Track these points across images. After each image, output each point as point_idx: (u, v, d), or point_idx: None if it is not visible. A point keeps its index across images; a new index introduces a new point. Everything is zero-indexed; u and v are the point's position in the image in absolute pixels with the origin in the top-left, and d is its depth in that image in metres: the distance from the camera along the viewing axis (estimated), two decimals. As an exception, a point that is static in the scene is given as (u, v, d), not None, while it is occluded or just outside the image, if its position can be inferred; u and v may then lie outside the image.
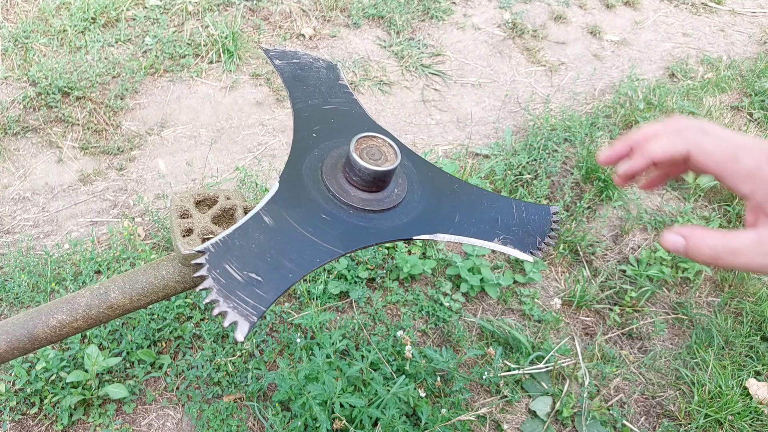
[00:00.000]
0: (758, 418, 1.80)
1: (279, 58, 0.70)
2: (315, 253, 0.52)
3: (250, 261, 0.50)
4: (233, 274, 0.49)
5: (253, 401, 1.67)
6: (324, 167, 0.58)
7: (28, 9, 2.75)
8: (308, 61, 0.71)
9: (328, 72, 0.71)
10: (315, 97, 0.66)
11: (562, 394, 1.78)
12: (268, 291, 0.48)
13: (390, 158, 0.56)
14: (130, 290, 0.62)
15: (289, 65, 0.69)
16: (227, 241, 0.51)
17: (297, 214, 0.54)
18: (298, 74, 0.69)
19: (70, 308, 0.62)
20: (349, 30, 3.08)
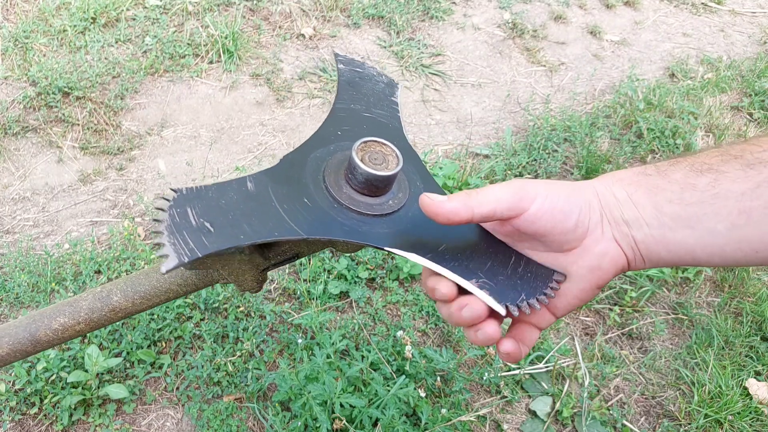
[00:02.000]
0: (758, 418, 1.80)
1: (344, 63, 0.70)
2: (276, 227, 0.51)
3: (212, 213, 0.50)
4: (190, 217, 0.49)
5: (253, 401, 1.67)
6: (331, 160, 0.58)
7: (28, 9, 2.75)
8: (371, 73, 0.71)
9: (385, 87, 0.70)
10: (360, 103, 0.66)
11: (562, 394, 1.78)
12: (213, 242, 0.48)
13: (390, 167, 0.56)
14: (133, 294, 0.62)
15: (351, 71, 0.69)
16: (201, 190, 0.52)
17: (280, 190, 0.54)
18: (356, 81, 0.68)
19: (73, 311, 0.62)
20: (349, 30, 3.08)
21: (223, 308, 1.86)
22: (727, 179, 0.48)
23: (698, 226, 0.48)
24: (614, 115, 2.84)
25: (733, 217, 0.47)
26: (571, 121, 2.71)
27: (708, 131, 2.88)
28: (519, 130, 2.75)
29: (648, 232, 0.50)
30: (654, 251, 0.51)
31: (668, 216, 0.49)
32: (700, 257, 0.50)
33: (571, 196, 0.51)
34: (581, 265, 0.53)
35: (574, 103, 2.93)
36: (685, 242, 0.49)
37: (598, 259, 0.52)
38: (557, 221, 0.51)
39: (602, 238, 0.52)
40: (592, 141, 2.61)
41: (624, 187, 0.52)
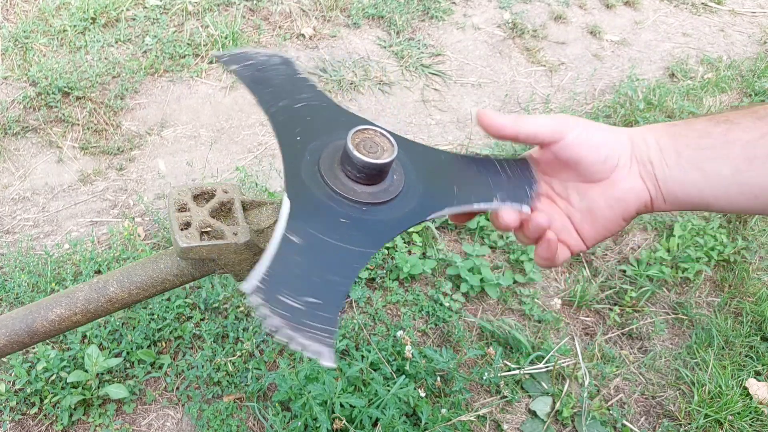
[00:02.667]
0: (758, 418, 1.80)
1: (234, 62, 0.66)
2: (352, 259, 0.51)
3: (301, 286, 0.49)
4: (292, 304, 0.47)
5: (253, 401, 1.67)
6: (322, 170, 0.57)
7: (28, 9, 2.75)
8: (263, 59, 0.67)
9: (286, 68, 0.68)
10: (283, 97, 0.63)
11: (562, 394, 1.78)
12: (329, 310, 0.48)
13: (387, 148, 0.56)
14: (129, 284, 0.62)
15: (247, 68, 0.66)
16: (271, 273, 0.49)
17: (318, 225, 0.53)
18: (258, 76, 0.65)
19: (69, 302, 0.62)
20: (349, 30, 3.08)
21: (223, 308, 1.86)
22: (738, 128, 0.53)
23: (707, 168, 0.54)
24: (614, 115, 2.84)
25: (738, 162, 0.52)
26: (571, 121, 2.70)
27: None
28: (519, 130, 2.75)
29: (668, 173, 0.56)
30: (672, 191, 0.56)
31: (685, 158, 0.55)
32: (708, 198, 0.55)
33: (606, 134, 0.58)
34: (609, 195, 0.59)
35: (574, 103, 2.93)
36: (697, 183, 0.55)
37: (624, 192, 0.58)
38: (589, 152, 0.58)
39: (629, 174, 0.58)
40: (592, 141, 2.60)
41: (654, 134, 0.58)
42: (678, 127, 0.57)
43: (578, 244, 0.63)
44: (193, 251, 0.56)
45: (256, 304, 0.47)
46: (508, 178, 0.62)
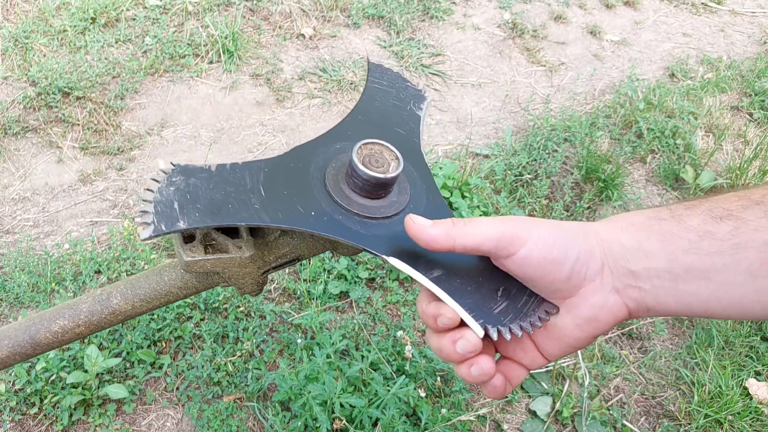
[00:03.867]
0: (758, 418, 1.80)
1: (374, 72, 0.70)
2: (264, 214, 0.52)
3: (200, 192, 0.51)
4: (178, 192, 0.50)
5: (253, 401, 1.67)
6: (335, 161, 0.58)
7: (28, 9, 2.75)
8: (400, 83, 0.70)
9: (412, 99, 0.69)
10: (381, 113, 0.65)
11: (562, 394, 1.78)
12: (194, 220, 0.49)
13: (390, 169, 0.56)
14: (133, 296, 0.62)
15: (379, 81, 0.69)
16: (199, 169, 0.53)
17: (279, 181, 0.55)
18: (383, 90, 0.68)
19: (73, 314, 0.62)
20: (349, 30, 3.08)
21: (223, 308, 1.86)
22: (749, 228, 0.44)
23: (715, 277, 0.45)
24: (614, 115, 2.84)
25: (754, 268, 0.44)
26: (571, 121, 2.71)
27: (708, 131, 2.88)
28: (519, 130, 2.75)
29: (658, 284, 0.47)
30: (662, 302, 0.48)
31: (683, 267, 0.46)
32: (715, 309, 0.47)
33: (568, 244, 0.48)
34: (576, 315, 0.50)
35: (574, 103, 2.93)
36: (699, 294, 0.46)
37: (595, 311, 0.49)
38: (547, 271, 0.48)
39: (601, 289, 0.49)
40: (592, 141, 2.61)
41: (634, 234, 0.48)
42: (665, 223, 0.47)
43: (537, 362, 0.54)
44: (198, 265, 0.56)
45: (161, 172, 0.51)
46: (504, 297, 0.52)
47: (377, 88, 0.68)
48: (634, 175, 2.63)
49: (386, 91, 0.68)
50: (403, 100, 0.68)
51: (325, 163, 0.58)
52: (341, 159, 0.59)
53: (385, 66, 0.70)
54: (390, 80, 0.70)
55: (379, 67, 0.70)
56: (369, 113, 0.65)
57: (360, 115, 0.64)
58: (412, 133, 0.66)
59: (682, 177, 2.57)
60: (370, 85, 0.67)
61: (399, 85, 0.70)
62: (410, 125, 0.66)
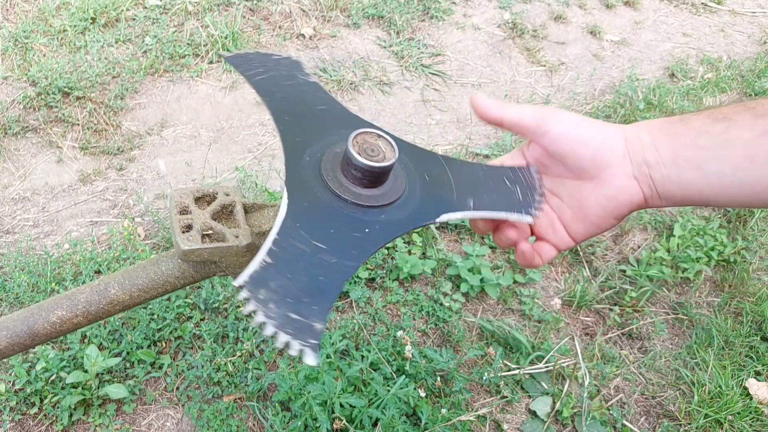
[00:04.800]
0: (758, 418, 1.80)
1: (242, 66, 0.65)
2: (343, 264, 0.51)
3: (291, 286, 0.49)
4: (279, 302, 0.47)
5: (253, 401, 1.67)
6: (323, 172, 0.57)
7: (28, 9, 2.75)
8: (273, 61, 0.67)
9: (295, 71, 0.67)
10: (292, 101, 0.63)
11: (562, 394, 1.78)
12: (316, 311, 0.47)
13: (388, 151, 0.56)
14: (130, 286, 0.62)
15: (255, 71, 0.65)
16: (262, 271, 0.49)
17: (314, 227, 0.53)
18: (267, 80, 0.65)
19: (70, 304, 0.62)
20: (349, 30, 3.08)
21: (223, 308, 1.86)
22: (738, 127, 0.52)
23: (707, 167, 0.53)
24: (614, 115, 2.84)
25: (739, 161, 0.52)
26: (571, 121, 2.70)
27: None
28: (519, 130, 2.75)
29: (665, 173, 0.55)
30: (668, 190, 0.56)
31: (683, 158, 0.54)
32: (708, 196, 0.55)
33: (595, 130, 0.57)
34: (599, 194, 0.58)
35: (574, 103, 2.93)
36: (696, 182, 0.54)
37: (617, 192, 0.57)
38: (575, 147, 0.57)
39: (621, 174, 0.57)
40: (592, 141, 2.60)
41: (650, 132, 0.57)
42: (675, 125, 0.56)
43: (565, 242, 0.62)
44: (195, 254, 0.56)
45: (245, 299, 0.47)
46: (512, 186, 0.62)
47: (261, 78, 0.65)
48: (634, 175, 2.63)
49: (270, 77, 0.65)
50: (289, 77, 0.66)
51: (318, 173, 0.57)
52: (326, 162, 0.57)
53: (243, 52, 0.68)
54: (261, 64, 0.67)
55: (242, 56, 0.67)
56: (284, 108, 0.62)
57: (283, 115, 0.61)
58: (330, 102, 0.64)
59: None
60: (252, 80, 0.64)
61: (270, 63, 0.67)
62: (320, 96, 0.64)
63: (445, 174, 0.62)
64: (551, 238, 0.63)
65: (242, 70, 0.63)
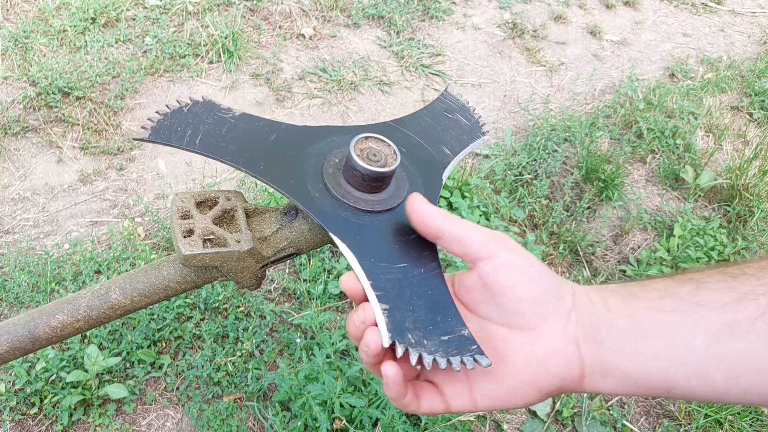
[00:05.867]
0: (758, 418, 1.81)
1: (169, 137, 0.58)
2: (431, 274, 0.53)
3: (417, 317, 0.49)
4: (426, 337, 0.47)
5: (253, 401, 1.67)
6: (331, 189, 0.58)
7: (28, 9, 2.75)
8: (190, 115, 0.61)
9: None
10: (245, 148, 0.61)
11: (562, 394, 1.78)
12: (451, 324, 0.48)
13: (388, 164, 0.56)
14: (131, 291, 0.62)
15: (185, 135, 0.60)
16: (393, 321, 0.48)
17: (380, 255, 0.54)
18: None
19: (71, 309, 0.62)
20: (349, 30, 3.08)
21: (223, 308, 1.86)
22: (708, 289, 0.44)
23: (675, 337, 0.43)
24: (614, 115, 2.84)
25: (715, 329, 0.42)
26: (571, 121, 2.71)
27: (708, 131, 2.88)
28: (519, 130, 2.75)
29: (619, 340, 0.45)
30: (621, 366, 0.45)
31: (643, 325, 0.45)
32: (676, 377, 0.44)
33: (545, 273, 0.48)
34: (528, 352, 0.47)
35: (574, 103, 2.93)
36: (659, 356, 0.44)
37: (549, 354, 0.46)
38: (520, 281, 0.47)
39: (563, 334, 0.47)
40: (592, 141, 2.61)
41: (602, 293, 0.48)
42: (630, 287, 0.48)
43: (460, 401, 0.48)
44: (196, 259, 0.57)
45: (403, 352, 0.45)
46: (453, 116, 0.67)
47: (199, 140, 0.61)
48: (634, 175, 2.63)
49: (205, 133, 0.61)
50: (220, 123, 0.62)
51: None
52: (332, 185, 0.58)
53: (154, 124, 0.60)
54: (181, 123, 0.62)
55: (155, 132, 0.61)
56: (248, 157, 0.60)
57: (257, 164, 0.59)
58: (274, 125, 0.63)
59: (682, 177, 2.57)
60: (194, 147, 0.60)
61: (189, 118, 0.63)
62: (260, 125, 0.62)
63: (412, 138, 0.65)
64: (445, 387, 0.49)
65: (174, 143, 0.55)
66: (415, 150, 0.64)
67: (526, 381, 0.46)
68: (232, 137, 0.56)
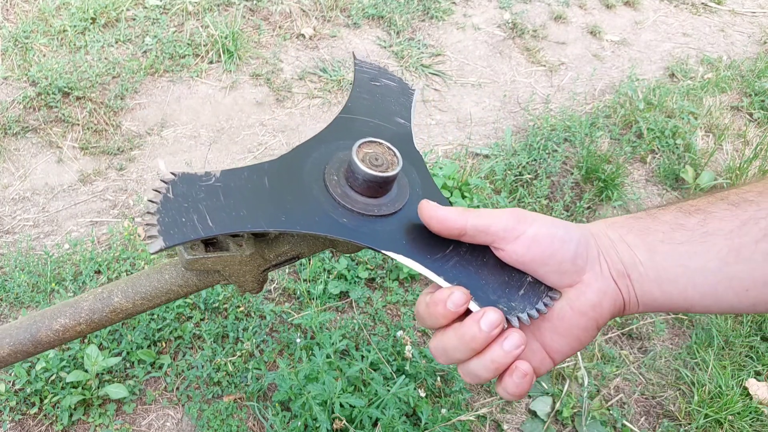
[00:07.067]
0: (758, 418, 1.81)
1: (361, 68, 0.69)
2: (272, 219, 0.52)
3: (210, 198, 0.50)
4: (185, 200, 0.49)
5: (253, 401, 1.67)
6: (332, 159, 0.59)
7: (28, 9, 2.75)
8: (387, 78, 0.70)
9: (400, 94, 0.70)
10: (372, 109, 0.66)
11: (562, 394, 1.78)
12: (205, 228, 0.48)
13: (390, 168, 0.56)
14: (134, 294, 0.62)
15: (367, 77, 0.69)
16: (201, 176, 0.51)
17: (280, 183, 0.55)
18: (371, 86, 0.69)
19: (74, 312, 0.62)
20: (349, 30, 3.08)
21: (223, 308, 1.86)
22: (715, 218, 0.49)
23: (690, 264, 0.48)
24: (614, 115, 2.84)
25: (723, 254, 0.48)
26: (571, 121, 2.71)
27: (708, 131, 2.88)
28: (519, 130, 2.75)
29: (643, 272, 0.50)
30: (648, 291, 0.50)
31: (661, 255, 0.49)
32: (693, 297, 0.49)
33: (569, 228, 0.51)
34: (583, 302, 0.50)
35: (574, 103, 2.93)
36: (678, 281, 0.49)
37: (599, 296, 0.50)
38: (556, 248, 0.50)
39: (601, 275, 0.51)
40: (592, 141, 2.61)
41: (617, 230, 0.52)
42: (643, 221, 0.51)
43: (545, 364, 0.53)
44: (198, 263, 0.57)
45: (161, 182, 0.49)
46: (508, 287, 0.53)
47: (366, 87, 0.68)
48: (634, 175, 2.63)
49: (374, 89, 0.68)
50: (390, 97, 0.69)
51: (325, 163, 0.59)
52: (340, 157, 0.59)
53: (372, 62, 0.70)
54: (377, 77, 0.70)
55: (368, 64, 0.71)
56: (360, 108, 0.65)
57: (350, 113, 0.64)
58: (403, 128, 0.66)
59: (682, 177, 2.57)
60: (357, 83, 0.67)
61: (386, 79, 0.70)
62: (401, 120, 0.67)
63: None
64: (530, 359, 0.52)
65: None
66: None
67: (588, 325, 0.51)
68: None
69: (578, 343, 0.52)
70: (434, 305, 0.49)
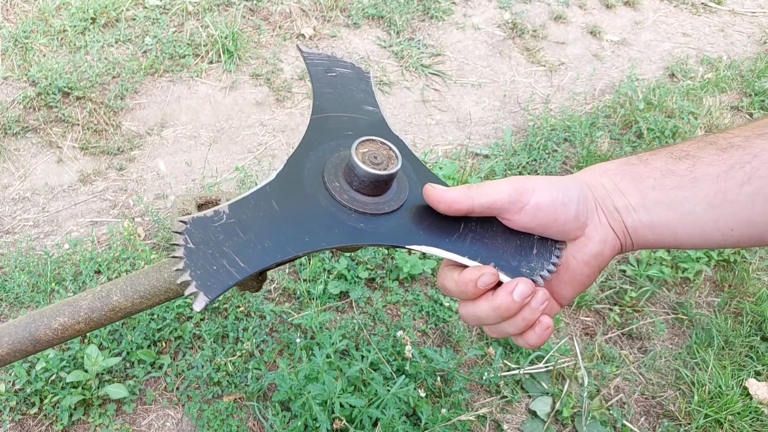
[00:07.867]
0: (758, 418, 1.81)
1: (312, 60, 0.70)
2: (295, 243, 0.52)
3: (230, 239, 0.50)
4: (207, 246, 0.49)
5: (253, 401, 1.67)
6: (327, 163, 0.58)
7: (28, 9, 2.75)
8: (340, 66, 0.70)
9: (358, 80, 0.70)
10: (339, 102, 0.66)
11: (562, 394, 1.78)
12: (239, 271, 0.48)
13: (390, 165, 0.56)
14: (132, 293, 0.62)
15: (322, 70, 0.69)
16: (209, 217, 0.50)
17: (287, 203, 0.54)
18: (329, 78, 0.69)
19: (73, 311, 0.62)
20: (349, 30, 3.08)
21: (223, 308, 1.86)
22: (703, 163, 0.52)
23: (679, 208, 0.52)
24: (614, 115, 2.84)
25: (710, 197, 0.51)
26: (571, 121, 2.71)
27: (708, 131, 2.88)
28: (519, 130, 2.75)
29: (636, 217, 0.54)
30: (641, 235, 0.55)
31: (652, 201, 0.53)
32: (682, 237, 0.53)
33: (567, 188, 0.54)
34: (586, 253, 0.55)
35: (574, 103, 2.93)
36: (668, 224, 0.53)
37: (600, 246, 0.55)
38: (559, 212, 0.53)
39: (600, 226, 0.55)
40: (592, 141, 2.61)
41: (611, 177, 0.55)
42: (635, 167, 0.55)
43: (554, 310, 0.58)
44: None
45: (176, 233, 0.48)
46: (519, 250, 0.56)
47: (325, 80, 0.69)
48: (634, 175, 2.63)
49: (332, 80, 0.68)
50: (350, 84, 0.69)
51: (321, 170, 0.58)
52: (334, 162, 0.59)
53: (320, 52, 0.71)
54: (331, 66, 0.70)
55: (318, 55, 0.71)
56: (328, 105, 0.65)
57: (321, 112, 0.64)
58: (376, 116, 0.66)
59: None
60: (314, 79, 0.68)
61: (339, 67, 0.70)
62: (370, 108, 0.66)
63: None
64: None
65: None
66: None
67: (591, 272, 0.56)
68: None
69: (582, 287, 0.57)
70: (464, 284, 0.53)
